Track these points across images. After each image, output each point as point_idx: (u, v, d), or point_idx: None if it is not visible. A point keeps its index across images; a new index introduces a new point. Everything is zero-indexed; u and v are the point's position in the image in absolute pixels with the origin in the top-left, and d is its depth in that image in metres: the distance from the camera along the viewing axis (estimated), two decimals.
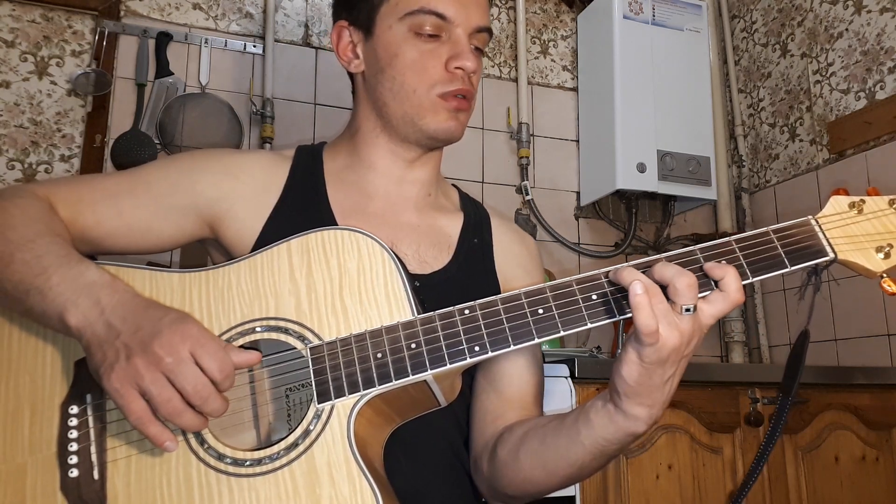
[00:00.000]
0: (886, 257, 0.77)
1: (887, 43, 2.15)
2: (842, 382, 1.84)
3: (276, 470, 0.73)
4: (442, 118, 0.95)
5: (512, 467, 0.87)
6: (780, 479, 1.73)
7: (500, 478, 0.90)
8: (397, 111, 0.96)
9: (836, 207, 0.80)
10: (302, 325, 0.79)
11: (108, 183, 0.94)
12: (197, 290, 0.81)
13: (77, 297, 0.73)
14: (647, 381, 0.73)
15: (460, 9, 0.95)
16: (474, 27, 0.96)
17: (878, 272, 0.77)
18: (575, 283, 0.77)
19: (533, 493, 0.89)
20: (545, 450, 0.84)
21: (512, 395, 0.96)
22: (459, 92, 0.94)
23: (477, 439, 0.96)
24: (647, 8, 2.38)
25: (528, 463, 0.85)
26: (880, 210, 0.79)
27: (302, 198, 0.97)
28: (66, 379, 0.78)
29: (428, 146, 1.00)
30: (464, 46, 0.95)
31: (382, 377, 0.75)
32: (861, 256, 0.77)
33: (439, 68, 0.94)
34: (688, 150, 2.33)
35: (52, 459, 0.75)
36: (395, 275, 0.80)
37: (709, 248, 0.76)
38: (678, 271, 0.70)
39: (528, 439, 0.86)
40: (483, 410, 0.97)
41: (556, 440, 0.83)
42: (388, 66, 0.95)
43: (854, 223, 0.78)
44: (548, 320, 0.76)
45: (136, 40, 2.06)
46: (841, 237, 0.78)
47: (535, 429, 0.87)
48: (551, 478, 0.85)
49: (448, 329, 0.77)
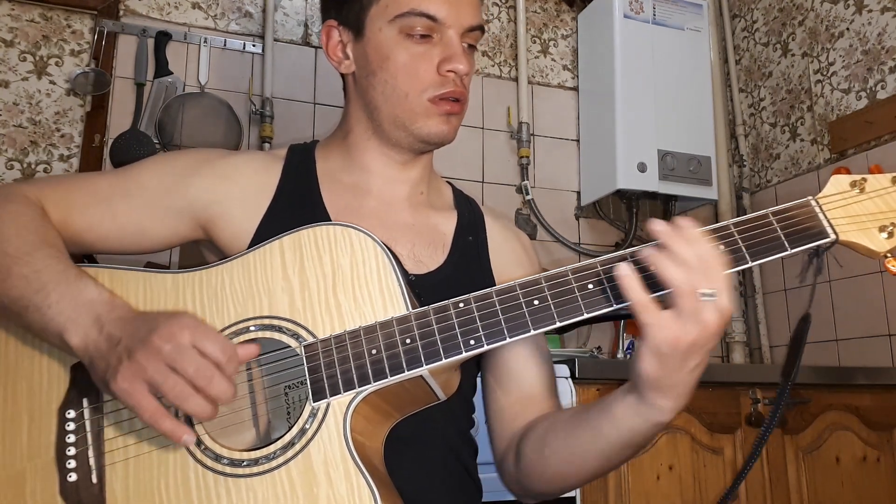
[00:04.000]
0: (890, 237, 0.74)
1: (888, 42, 2.14)
2: (843, 383, 1.84)
3: (273, 470, 0.73)
4: (433, 123, 0.94)
5: (540, 464, 0.87)
6: (780, 480, 1.73)
7: (529, 475, 0.90)
8: (389, 114, 0.95)
9: (837, 187, 0.77)
10: (296, 322, 0.78)
11: (101, 184, 0.93)
12: (191, 291, 0.81)
13: (77, 316, 0.73)
14: (670, 374, 0.71)
15: (451, 9, 0.93)
16: (466, 26, 0.94)
17: (882, 252, 0.74)
18: (571, 272, 0.76)
19: (565, 487, 0.89)
20: (571, 445, 0.84)
21: (524, 392, 0.96)
22: (451, 95, 0.93)
23: (499, 441, 0.97)
24: (648, 7, 2.37)
25: (555, 459, 0.85)
26: (883, 188, 0.76)
27: (295, 198, 0.96)
28: (63, 384, 0.78)
29: (420, 150, 0.99)
30: (455, 48, 0.93)
31: (377, 373, 0.75)
32: (864, 237, 0.74)
33: (431, 71, 0.93)
34: (688, 150, 2.32)
35: (50, 464, 0.75)
36: (388, 269, 0.79)
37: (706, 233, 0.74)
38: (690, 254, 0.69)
39: (552, 436, 0.86)
40: (499, 411, 0.97)
41: (581, 435, 0.83)
42: (380, 68, 0.94)
43: (856, 202, 0.75)
44: (544, 311, 0.75)
45: (136, 40, 2.06)
46: (842, 217, 0.75)
47: (557, 424, 0.87)
48: (581, 471, 0.85)
49: (443, 323, 0.76)
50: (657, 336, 0.68)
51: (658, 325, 0.68)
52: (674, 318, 0.68)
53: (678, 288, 0.68)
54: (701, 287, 0.67)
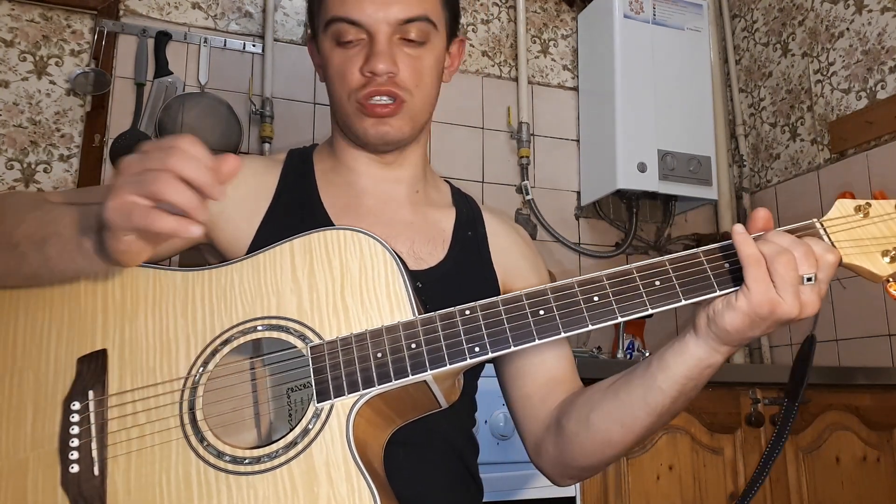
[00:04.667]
0: (892, 261, 0.76)
1: (888, 42, 2.15)
2: (843, 383, 1.84)
3: (275, 468, 0.73)
4: (368, 124, 0.95)
5: (585, 434, 0.88)
6: (781, 480, 1.73)
7: (572, 450, 0.90)
8: (340, 119, 0.99)
9: (841, 211, 0.79)
10: (303, 324, 0.79)
11: (103, 189, 0.93)
12: (200, 289, 0.81)
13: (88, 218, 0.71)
14: (747, 333, 0.74)
15: (375, 9, 0.92)
16: (396, 21, 0.93)
17: (884, 276, 0.77)
18: (576, 284, 0.77)
19: (611, 455, 0.89)
20: (621, 405, 0.85)
21: (551, 374, 0.97)
22: (373, 94, 0.93)
23: (532, 424, 0.97)
24: (648, 7, 2.38)
25: (603, 424, 0.86)
26: (887, 214, 0.78)
27: (295, 199, 0.97)
28: (69, 376, 0.78)
29: (374, 150, 1.00)
30: (376, 48, 0.92)
31: (382, 377, 0.75)
32: (866, 260, 0.77)
33: (355, 74, 0.93)
34: (688, 150, 2.33)
35: (53, 455, 0.75)
36: (396, 275, 0.80)
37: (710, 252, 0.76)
38: (794, 240, 0.72)
39: (598, 401, 0.87)
40: (525, 398, 0.98)
41: (630, 392, 0.84)
42: (325, 76, 0.99)
43: (860, 227, 0.78)
44: (549, 321, 0.76)
45: (136, 40, 2.06)
46: (846, 240, 0.77)
47: (601, 391, 0.88)
48: (629, 433, 0.86)
49: (448, 329, 0.77)
50: (762, 295, 0.71)
51: (765, 283, 0.71)
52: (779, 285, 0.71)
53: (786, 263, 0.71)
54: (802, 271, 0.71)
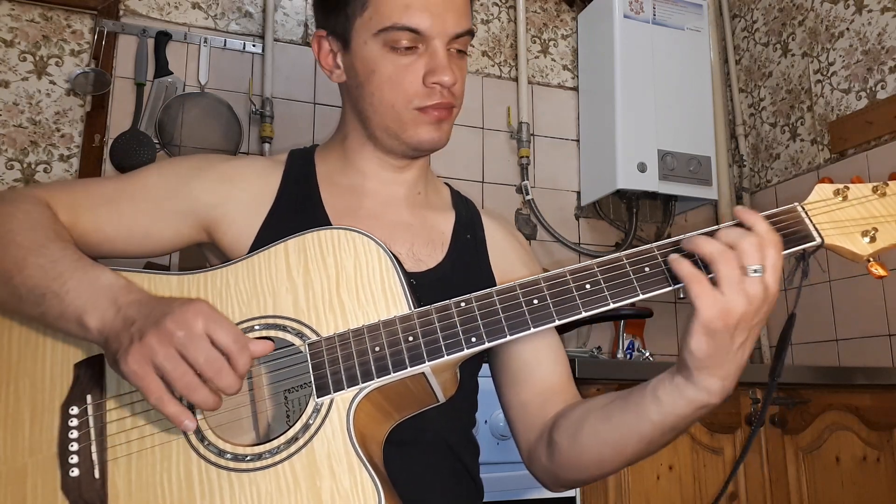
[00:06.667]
0: (872, 241, 0.78)
1: (888, 42, 2.15)
2: (843, 383, 1.84)
3: (277, 464, 0.73)
4: (424, 130, 0.94)
5: (575, 451, 0.87)
6: (780, 480, 1.73)
7: (563, 463, 0.89)
8: (380, 124, 0.96)
9: (821, 194, 0.81)
10: (300, 322, 0.79)
11: (107, 188, 0.95)
12: (195, 292, 0.81)
13: (95, 299, 0.74)
14: (718, 352, 0.72)
15: (435, 19, 0.91)
16: (452, 35, 0.93)
17: (865, 255, 0.78)
18: (568, 273, 0.78)
19: (603, 472, 0.89)
20: (611, 429, 0.84)
21: (547, 383, 0.97)
22: (439, 106, 0.93)
23: (526, 433, 0.96)
24: (648, 7, 2.38)
25: (594, 444, 0.85)
26: (864, 196, 0.80)
27: (296, 201, 0.97)
28: (66, 381, 0.79)
29: (414, 156, 1.00)
30: (440, 60, 0.92)
31: (381, 370, 0.76)
32: (847, 241, 0.78)
33: (417, 83, 0.92)
34: (688, 150, 2.33)
35: (52, 460, 0.75)
36: (391, 271, 0.80)
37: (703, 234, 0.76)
38: (741, 233, 0.72)
39: (589, 420, 0.86)
40: (521, 405, 0.97)
41: (622, 418, 0.83)
42: (367, 81, 0.94)
43: (839, 209, 0.80)
44: (543, 309, 0.77)
45: (136, 40, 2.06)
46: (827, 223, 0.79)
47: (595, 409, 0.87)
48: (619, 456, 0.85)
49: (445, 321, 0.77)
50: (709, 309, 0.70)
51: (709, 296, 0.70)
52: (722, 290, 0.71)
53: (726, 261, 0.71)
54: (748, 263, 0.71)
